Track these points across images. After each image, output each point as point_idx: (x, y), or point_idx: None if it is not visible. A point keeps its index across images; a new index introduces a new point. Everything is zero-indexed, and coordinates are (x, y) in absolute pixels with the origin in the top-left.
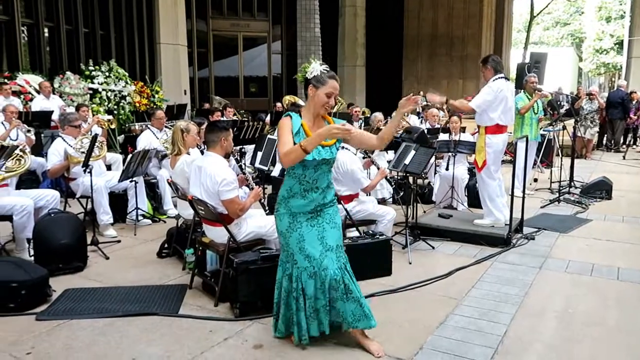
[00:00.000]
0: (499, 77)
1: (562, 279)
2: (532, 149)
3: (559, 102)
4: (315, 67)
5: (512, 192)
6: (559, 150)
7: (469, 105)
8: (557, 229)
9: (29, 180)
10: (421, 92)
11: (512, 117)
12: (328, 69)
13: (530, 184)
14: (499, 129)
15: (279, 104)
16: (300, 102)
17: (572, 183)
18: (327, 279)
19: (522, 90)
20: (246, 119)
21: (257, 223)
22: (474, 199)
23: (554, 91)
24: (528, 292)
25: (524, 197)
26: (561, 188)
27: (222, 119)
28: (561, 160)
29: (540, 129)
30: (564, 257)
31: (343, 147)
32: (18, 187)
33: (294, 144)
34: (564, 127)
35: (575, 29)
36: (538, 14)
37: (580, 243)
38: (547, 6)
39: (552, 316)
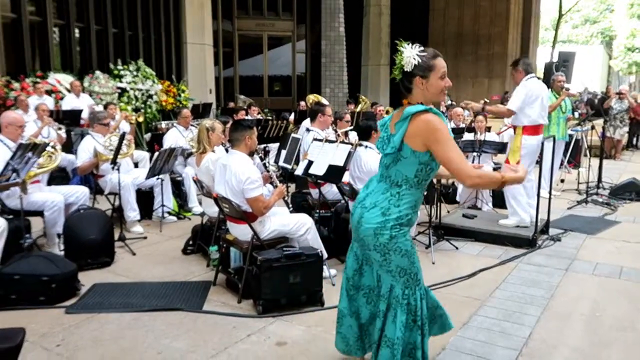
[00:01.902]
0: (531, 77)
1: (590, 282)
2: (559, 149)
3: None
4: (410, 55)
5: (539, 192)
6: (587, 151)
7: (508, 108)
8: (584, 231)
9: (59, 177)
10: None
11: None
12: (424, 48)
13: (557, 185)
14: (535, 130)
15: (302, 103)
16: (324, 101)
17: (601, 184)
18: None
19: (550, 89)
20: (270, 118)
21: (280, 221)
22: (499, 200)
23: (583, 90)
24: (554, 295)
25: (550, 198)
26: (589, 189)
27: (246, 117)
28: (589, 161)
29: (568, 128)
30: (592, 260)
31: (366, 147)
32: (49, 183)
33: None
34: (593, 127)
35: (605, 27)
36: (567, 12)
37: (609, 245)
38: (576, 4)
39: (579, 319)
